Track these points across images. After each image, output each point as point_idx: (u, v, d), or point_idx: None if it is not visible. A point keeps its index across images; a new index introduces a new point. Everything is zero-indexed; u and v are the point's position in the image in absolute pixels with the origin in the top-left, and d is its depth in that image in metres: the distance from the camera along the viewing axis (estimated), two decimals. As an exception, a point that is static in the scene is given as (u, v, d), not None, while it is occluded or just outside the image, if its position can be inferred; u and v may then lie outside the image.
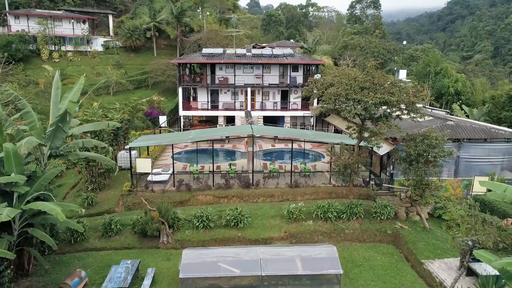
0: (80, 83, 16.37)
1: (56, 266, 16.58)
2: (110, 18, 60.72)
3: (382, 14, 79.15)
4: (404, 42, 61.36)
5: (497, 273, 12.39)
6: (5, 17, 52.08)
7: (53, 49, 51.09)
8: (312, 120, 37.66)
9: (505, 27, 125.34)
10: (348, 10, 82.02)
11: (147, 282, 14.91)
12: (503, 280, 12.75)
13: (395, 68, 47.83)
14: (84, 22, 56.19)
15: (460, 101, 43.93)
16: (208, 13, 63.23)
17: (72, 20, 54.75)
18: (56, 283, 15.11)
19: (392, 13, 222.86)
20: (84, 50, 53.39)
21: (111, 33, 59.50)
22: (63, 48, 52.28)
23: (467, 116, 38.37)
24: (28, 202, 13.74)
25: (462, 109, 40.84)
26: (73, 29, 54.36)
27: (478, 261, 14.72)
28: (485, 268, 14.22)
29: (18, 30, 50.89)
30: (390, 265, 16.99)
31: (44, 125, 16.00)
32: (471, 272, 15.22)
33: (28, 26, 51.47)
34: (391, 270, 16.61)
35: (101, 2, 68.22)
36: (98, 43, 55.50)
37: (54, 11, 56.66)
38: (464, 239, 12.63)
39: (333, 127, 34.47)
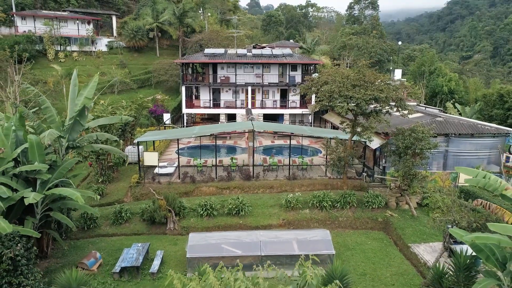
0: (94, 81, 17.80)
1: (72, 250, 18.06)
2: (114, 19, 62.21)
3: (382, 14, 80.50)
4: (400, 43, 62.73)
5: (474, 253, 13.68)
6: (12, 18, 53.61)
7: (59, 49, 52.63)
8: (310, 117, 39.06)
9: (504, 27, 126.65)
10: (346, 11, 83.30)
11: (156, 262, 16.37)
12: (481, 261, 14.11)
13: (391, 68, 49.18)
14: (88, 23, 57.71)
15: (454, 100, 45.32)
16: (209, 14, 64.67)
17: (77, 21, 56.28)
18: (73, 264, 16.50)
19: (392, 13, 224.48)
20: (88, 50, 54.97)
21: (115, 33, 61.02)
22: (68, 48, 53.87)
23: (460, 114, 39.71)
24: (49, 188, 15.18)
25: (455, 107, 42.21)
26: (78, 29, 55.88)
27: (460, 243, 16.10)
28: (462, 248, 15.57)
29: (25, 31, 52.40)
30: (380, 249, 18.41)
31: (62, 119, 17.44)
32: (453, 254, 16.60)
33: (35, 27, 53.01)
34: (380, 253, 18.04)
35: (105, 3, 69.73)
36: (102, 44, 57.04)
37: (60, 12, 58.17)
38: (442, 219, 14.05)
39: (330, 124, 35.87)
